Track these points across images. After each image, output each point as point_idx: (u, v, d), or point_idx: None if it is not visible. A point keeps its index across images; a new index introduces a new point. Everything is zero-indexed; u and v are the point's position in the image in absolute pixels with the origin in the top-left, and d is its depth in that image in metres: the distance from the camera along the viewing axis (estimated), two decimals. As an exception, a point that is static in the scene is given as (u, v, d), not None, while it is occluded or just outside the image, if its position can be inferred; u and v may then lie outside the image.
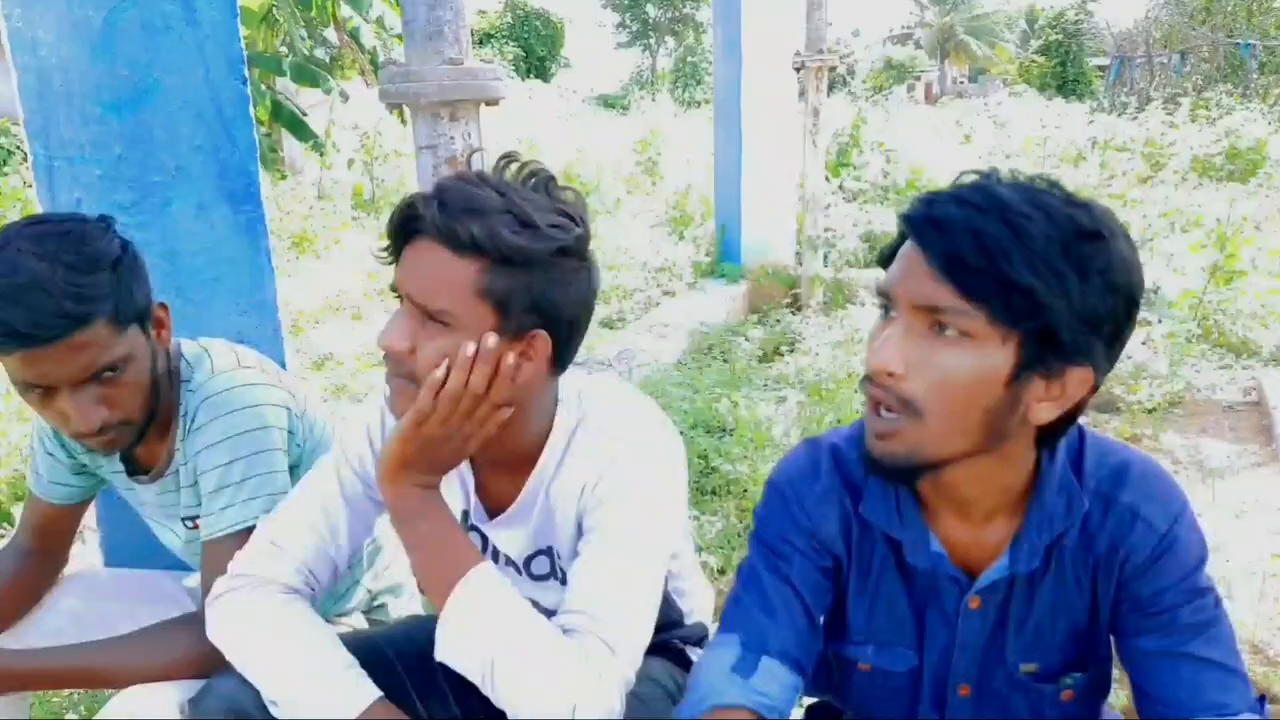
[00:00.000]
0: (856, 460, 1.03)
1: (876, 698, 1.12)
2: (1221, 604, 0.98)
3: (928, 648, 1.06)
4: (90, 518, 1.94)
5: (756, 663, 1.01)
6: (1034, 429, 0.92)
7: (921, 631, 1.05)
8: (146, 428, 1.29)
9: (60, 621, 1.46)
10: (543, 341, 1.02)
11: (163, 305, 1.28)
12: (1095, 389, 0.88)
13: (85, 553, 2.64)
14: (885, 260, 0.93)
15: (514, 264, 0.97)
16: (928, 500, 1.00)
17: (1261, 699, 0.95)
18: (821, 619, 1.07)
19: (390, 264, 1.03)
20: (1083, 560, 0.99)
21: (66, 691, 2.08)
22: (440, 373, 0.99)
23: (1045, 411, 0.88)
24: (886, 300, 0.90)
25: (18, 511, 2.81)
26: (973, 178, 0.89)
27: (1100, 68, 27.89)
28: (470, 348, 0.98)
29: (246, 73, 1.75)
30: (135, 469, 1.41)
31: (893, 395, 0.87)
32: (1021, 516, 0.98)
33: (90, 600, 1.51)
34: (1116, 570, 0.97)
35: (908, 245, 0.88)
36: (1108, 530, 0.97)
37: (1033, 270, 0.80)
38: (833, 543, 1.05)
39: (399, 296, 1.02)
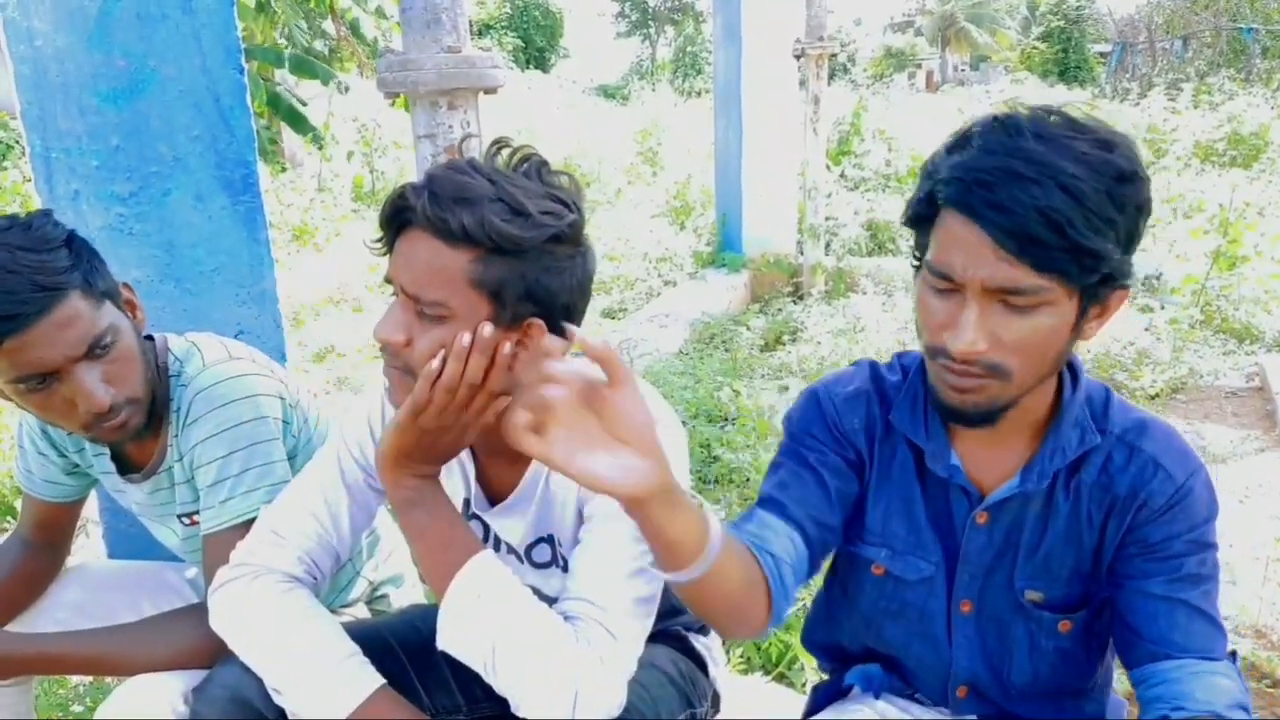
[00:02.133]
0: (894, 378, 1.11)
1: (885, 607, 1.15)
2: (1219, 566, 1.02)
3: (939, 558, 1.09)
4: (93, 510, 1.94)
5: (752, 515, 1.08)
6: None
7: (935, 541, 1.09)
8: (151, 413, 1.28)
9: (64, 613, 1.46)
10: (539, 330, 1.02)
11: (127, 285, 1.28)
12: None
13: (88, 545, 2.65)
14: (915, 221, 0.95)
15: (507, 252, 0.97)
16: None
17: (1233, 654, 1.00)
18: (838, 510, 1.10)
19: (384, 255, 1.03)
20: (1100, 499, 1.03)
21: (72, 683, 2.09)
22: (436, 364, 0.98)
23: (1093, 331, 0.94)
24: (948, 282, 0.90)
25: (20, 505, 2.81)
26: (992, 125, 0.89)
27: (1102, 54, 27.78)
28: (465, 338, 0.98)
29: (244, 62, 1.74)
30: (126, 468, 1.40)
31: (979, 366, 0.91)
32: (1038, 442, 1.03)
33: (93, 592, 1.51)
34: (1131, 513, 1.01)
35: (959, 224, 0.88)
36: (1130, 474, 1.01)
37: (1096, 231, 0.84)
38: (855, 437, 1.11)
39: (394, 289, 1.02)
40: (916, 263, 0.97)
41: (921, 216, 0.94)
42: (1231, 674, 0.97)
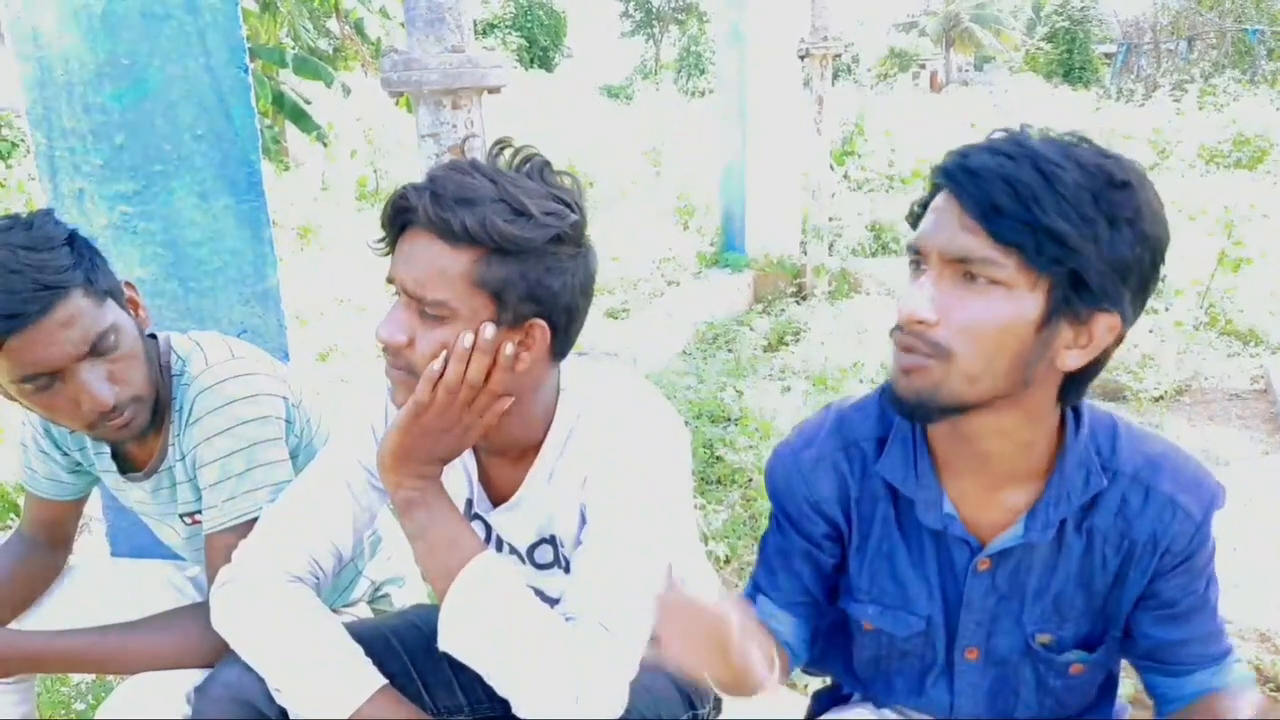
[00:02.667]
0: (865, 425, 1.07)
1: (885, 661, 1.14)
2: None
3: (936, 609, 1.07)
4: (96, 508, 1.94)
5: (755, 599, 1.13)
6: (1058, 382, 0.93)
7: (929, 594, 1.07)
8: (154, 412, 1.29)
9: (66, 611, 1.46)
10: (541, 330, 1.02)
11: (129, 284, 1.28)
12: (1121, 339, 0.90)
13: (91, 543, 2.66)
14: (915, 219, 0.94)
15: (509, 253, 0.96)
16: (944, 459, 1.02)
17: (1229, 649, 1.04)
18: (831, 579, 1.13)
19: (386, 255, 1.03)
20: (1117, 543, 1.00)
21: (74, 682, 2.09)
22: (438, 364, 0.98)
23: (1073, 359, 0.89)
24: (917, 255, 0.91)
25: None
26: (1003, 134, 0.90)
27: (1107, 55, 27.73)
28: (468, 338, 0.97)
29: (248, 60, 1.74)
30: (128, 467, 1.40)
31: (923, 340, 0.88)
32: (1039, 487, 0.99)
33: (96, 590, 1.51)
34: (1155, 560, 1.00)
35: (939, 198, 0.89)
36: (1148, 517, 0.98)
37: (1064, 216, 0.82)
38: (828, 507, 1.08)
39: (395, 290, 1.01)
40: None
41: (923, 207, 0.94)
42: (1231, 665, 1.03)
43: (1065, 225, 0.82)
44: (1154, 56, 19.73)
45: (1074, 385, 0.94)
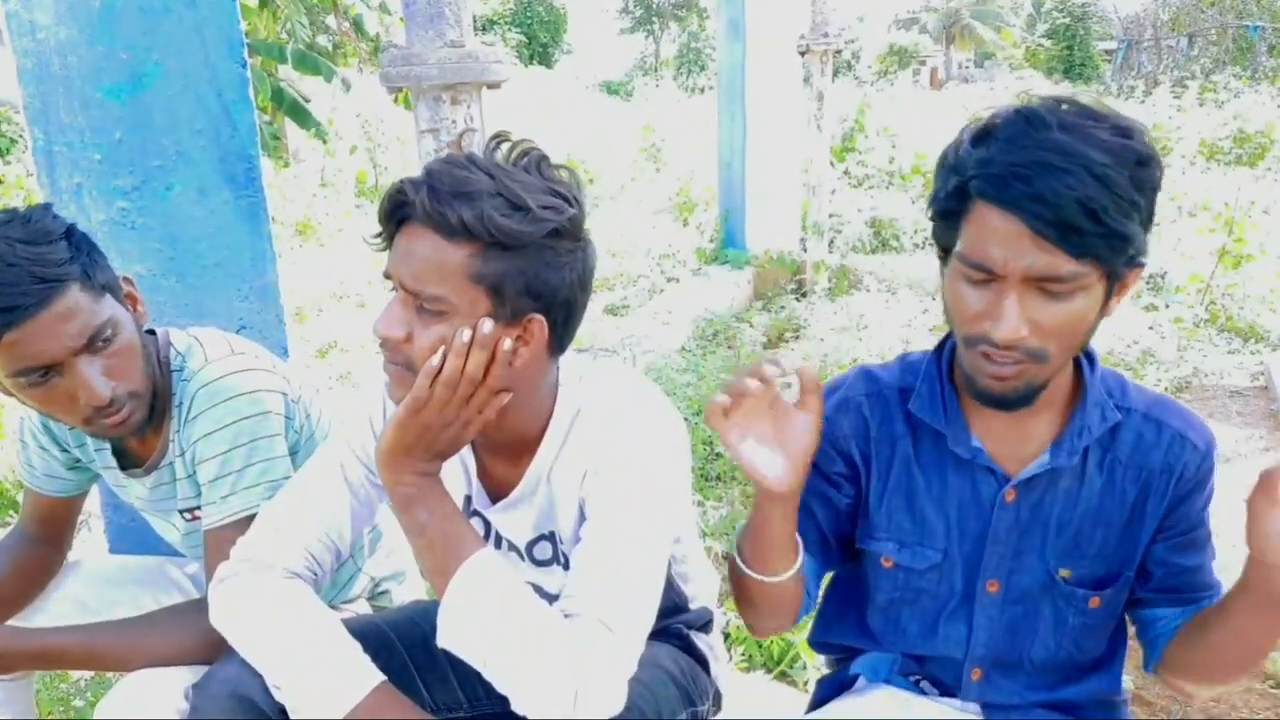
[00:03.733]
0: (889, 376, 1.15)
1: (899, 605, 1.18)
2: None
3: (959, 540, 1.12)
4: (95, 504, 1.94)
5: None
6: None
7: (947, 528, 1.12)
8: (153, 408, 1.28)
9: (65, 608, 1.46)
10: (539, 325, 1.01)
11: (128, 279, 1.28)
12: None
13: (90, 540, 2.65)
14: (943, 215, 0.97)
15: (507, 247, 0.96)
16: (969, 400, 1.08)
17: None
18: (845, 520, 1.18)
19: (384, 250, 1.02)
20: (1135, 475, 1.08)
21: (73, 678, 2.09)
22: (436, 360, 0.98)
23: (1114, 307, 0.98)
24: (984, 273, 0.93)
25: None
26: (1014, 117, 0.92)
27: (1107, 51, 27.69)
28: (466, 334, 0.97)
29: (246, 55, 1.74)
30: (128, 463, 1.40)
31: (1020, 352, 0.94)
32: (1060, 421, 1.07)
33: (95, 587, 1.51)
34: (1171, 487, 1.07)
35: (1000, 218, 0.90)
36: (1162, 448, 1.07)
37: (1125, 215, 0.88)
38: (846, 444, 1.15)
39: (393, 285, 1.01)
40: (944, 254, 0.99)
41: (951, 210, 0.96)
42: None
43: (1128, 223, 0.89)
44: (1155, 53, 19.71)
45: None
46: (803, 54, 5.54)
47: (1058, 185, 0.86)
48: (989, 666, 1.17)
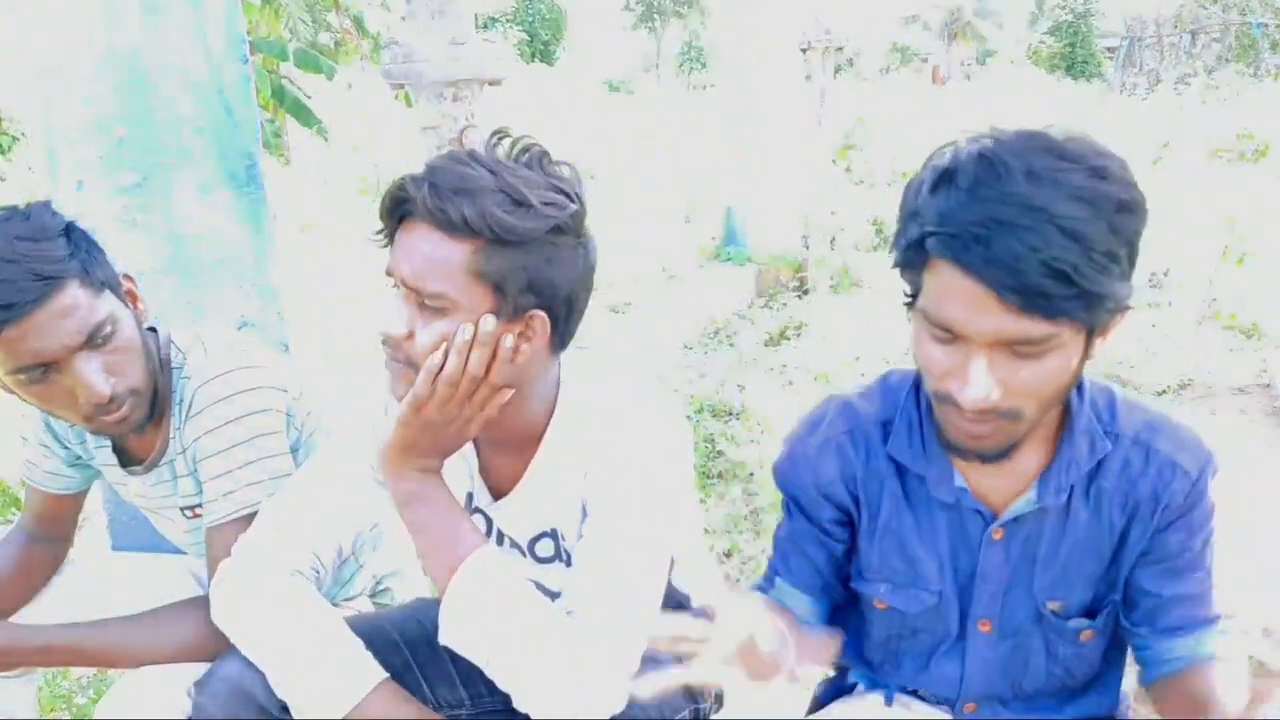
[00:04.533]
0: (868, 410, 1.10)
1: (895, 640, 1.16)
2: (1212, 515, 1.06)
3: (952, 580, 1.09)
4: (97, 502, 1.94)
5: (773, 583, 1.15)
6: None
7: (940, 569, 1.09)
8: (154, 405, 1.28)
9: (67, 605, 1.46)
10: (541, 322, 1.01)
11: (128, 276, 1.28)
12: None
13: (92, 537, 2.65)
14: (905, 263, 0.90)
15: (508, 244, 0.96)
16: None
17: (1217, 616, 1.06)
18: (843, 562, 1.15)
19: (385, 247, 1.02)
20: (1121, 504, 1.03)
21: (75, 676, 2.09)
22: (438, 357, 0.97)
23: (1097, 350, 0.92)
24: (950, 334, 0.87)
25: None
26: (977, 163, 0.83)
27: (1109, 49, 27.64)
28: (467, 331, 0.97)
29: (248, 53, 1.74)
30: (128, 460, 1.40)
31: (992, 414, 0.89)
32: (1046, 455, 1.02)
33: (96, 584, 1.51)
34: (1155, 516, 1.02)
35: (960, 279, 0.83)
36: (1149, 477, 1.01)
37: (1102, 270, 0.81)
38: (833, 489, 1.10)
39: (394, 282, 1.01)
40: (909, 300, 0.92)
41: (911, 261, 0.89)
42: (1220, 634, 1.04)
43: (1105, 280, 0.81)
44: (1157, 50, 19.67)
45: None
46: (804, 51, 5.54)
47: (1020, 247, 0.78)
48: (982, 699, 1.15)
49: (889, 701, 1.21)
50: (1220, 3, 18.81)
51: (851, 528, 1.12)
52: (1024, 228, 0.79)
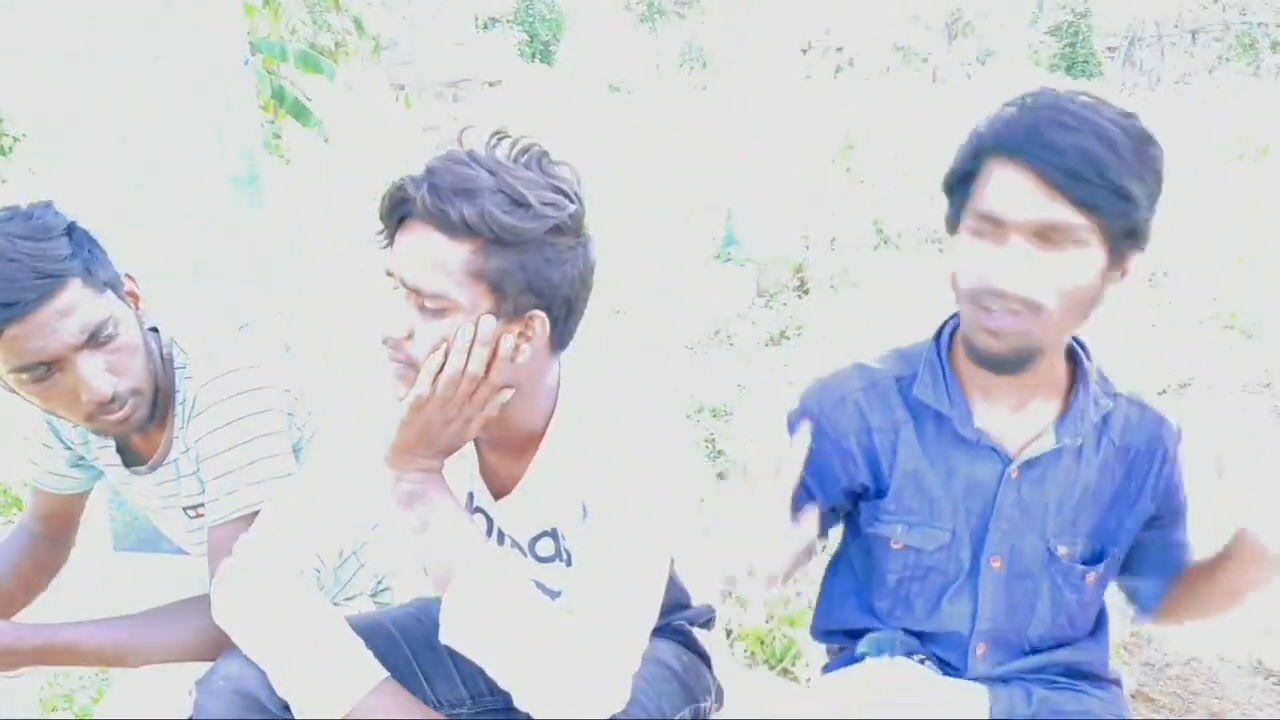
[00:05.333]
0: (884, 368, 1.19)
1: (908, 583, 1.21)
2: None
3: (965, 518, 1.16)
4: (99, 502, 1.94)
5: None
6: None
7: (954, 507, 1.16)
8: (155, 406, 1.28)
9: (69, 605, 1.46)
10: (541, 322, 1.01)
11: (130, 276, 1.28)
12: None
13: (94, 538, 2.66)
14: (959, 180, 1.03)
15: (508, 244, 0.96)
16: (970, 384, 1.14)
17: None
18: (846, 496, 1.22)
19: (385, 248, 1.02)
20: (1124, 455, 1.15)
21: (77, 675, 2.09)
22: (438, 357, 0.98)
23: (1113, 290, 1.02)
24: (992, 224, 0.98)
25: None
26: (1033, 92, 0.99)
27: (1110, 48, 27.62)
28: (467, 331, 0.97)
29: (249, 53, 1.74)
30: (131, 460, 1.40)
31: (1018, 302, 0.98)
32: (1060, 403, 1.13)
33: (99, 584, 1.52)
34: (1156, 463, 1.15)
35: (1012, 170, 0.97)
36: (1145, 429, 1.15)
37: (1130, 175, 0.94)
38: (845, 440, 1.18)
39: (395, 283, 1.01)
40: (954, 223, 1.04)
41: (966, 173, 1.01)
42: None
43: (1132, 184, 0.94)
44: (1158, 50, 19.66)
45: None
46: (804, 52, 5.54)
47: (1067, 139, 0.93)
48: (991, 642, 1.20)
49: (901, 653, 1.24)
50: (1220, 2, 18.80)
51: (858, 478, 1.19)
52: (1071, 127, 0.94)
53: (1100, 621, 1.25)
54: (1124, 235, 0.97)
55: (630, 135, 10.56)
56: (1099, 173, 0.93)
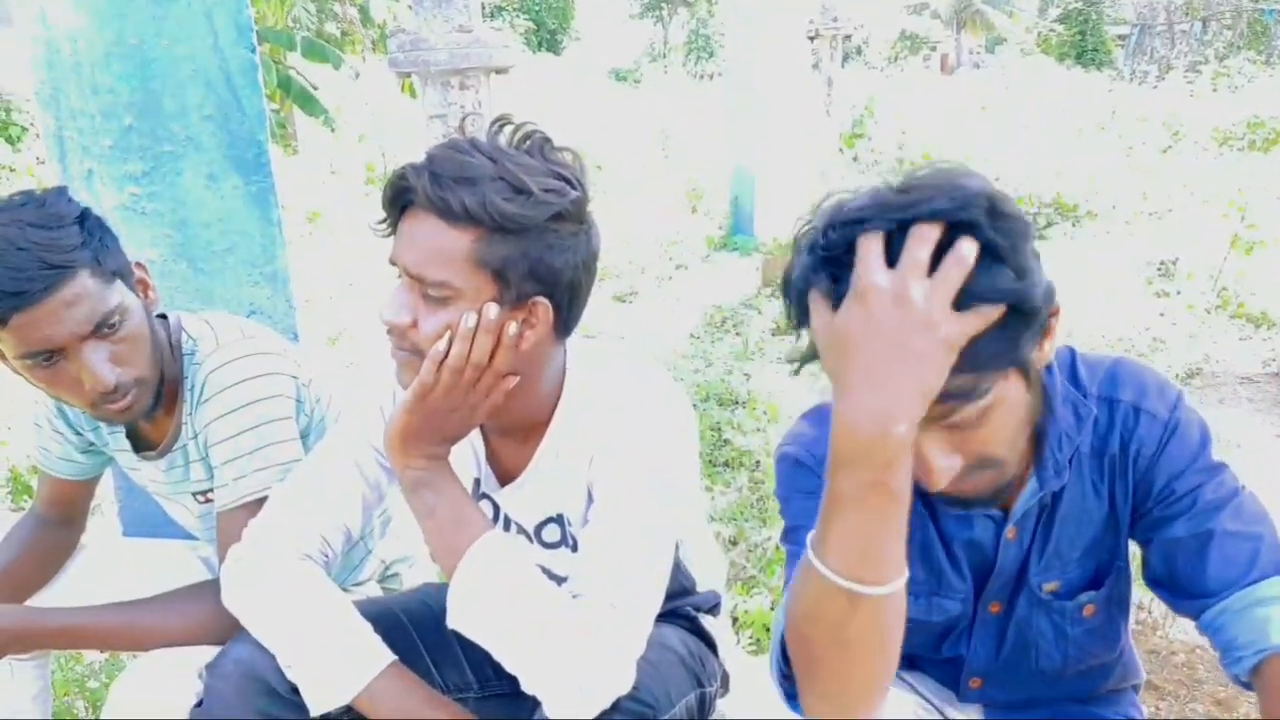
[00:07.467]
0: None
1: (913, 628, 1.12)
2: (1238, 480, 0.98)
3: (971, 580, 1.08)
4: (108, 488, 1.96)
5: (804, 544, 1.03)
6: None
7: (961, 575, 1.08)
8: (159, 394, 1.29)
9: (79, 590, 1.47)
10: (544, 309, 1.01)
11: (140, 264, 1.28)
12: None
13: (103, 523, 2.68)
14: (798, 318, 0.86)
15: (510, 232, 0.96)
16: None
17: None
18: None
19: (389, 236, 1.02)
20: (1097, 465, 1.01)
21: (88, 659, 2.11)
22: (442, 345, 0.98)
23: (1045, 356, 0.89)
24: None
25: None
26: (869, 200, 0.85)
27: (1120, 36, 27.42)
28: (471, 319, 0.97)
29: (255, 41, 1.74)
30: (141, 445, 1.41)
31: (970, 466, 0.88)
32: (1037, 442, 0.98)
33: (108, 569, 1.53)
34: (1130, 466, 0.99)
35: None
36: (1116, 430, 0.99)
37: (1035, 290, 0.79)
38: None
39: (398, 271, 1.01)
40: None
41: (799, 313, 0.86)
42: (1275, 587, 0.91)
43: (1038, 296, 0.79)
44: (1168, 37, 19.52)
45: None
46: (812, 39, 5.52)
47: None
48: (988, 676, 1.15)
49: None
50: (1232, -11, 18.66)
51: None
52: None
53: (1125, 641, 1.16)
54: (1032, 333, 0.82)
55: (636, 123, 10.53)
56: (1005, 342, 0.79)
